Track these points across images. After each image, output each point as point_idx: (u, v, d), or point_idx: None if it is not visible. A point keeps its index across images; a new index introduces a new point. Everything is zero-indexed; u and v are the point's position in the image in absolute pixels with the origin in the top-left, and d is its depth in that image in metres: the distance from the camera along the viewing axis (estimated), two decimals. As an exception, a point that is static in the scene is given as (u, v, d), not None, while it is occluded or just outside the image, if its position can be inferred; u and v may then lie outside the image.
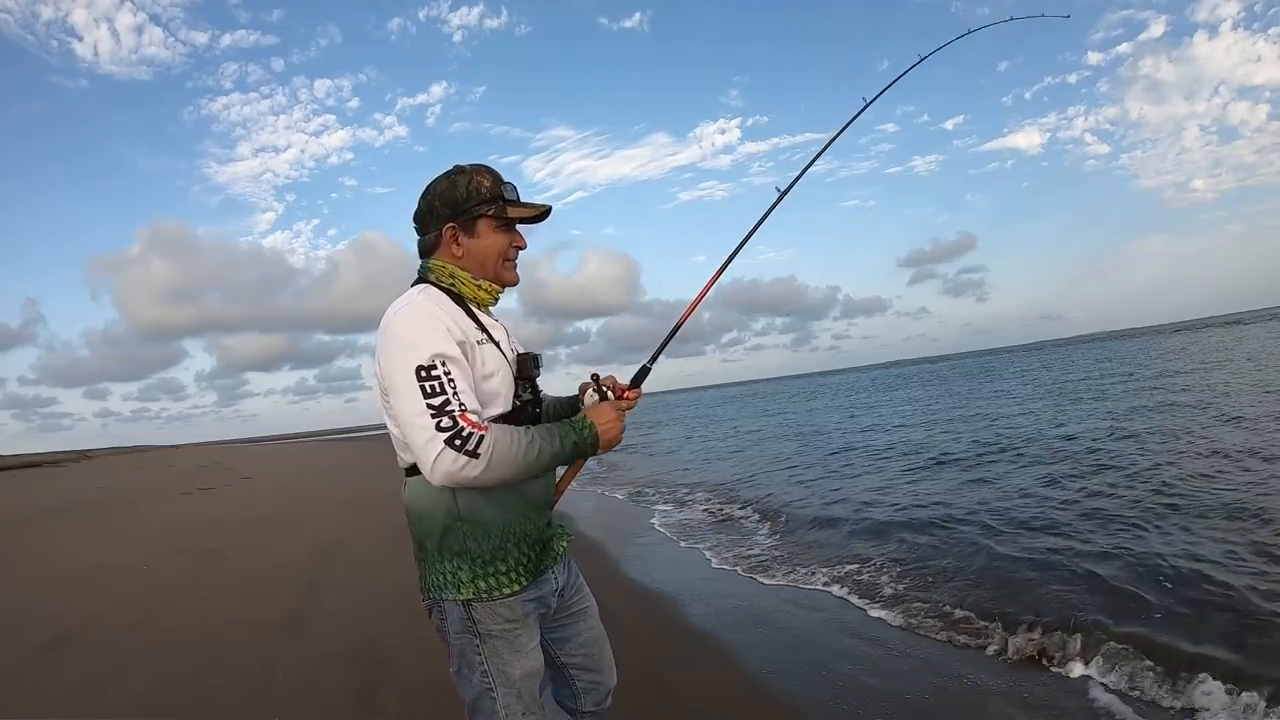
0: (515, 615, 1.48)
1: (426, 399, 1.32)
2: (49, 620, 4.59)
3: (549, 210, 1.59)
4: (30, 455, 45.06)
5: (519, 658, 1.47)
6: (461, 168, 1.55)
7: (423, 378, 1.33)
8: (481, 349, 1.46)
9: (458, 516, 1.44)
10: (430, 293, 1.48)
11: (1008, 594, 4.07)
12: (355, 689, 3.25)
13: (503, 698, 1.46)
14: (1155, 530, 4.90)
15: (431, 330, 1.38)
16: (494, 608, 1.46)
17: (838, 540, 5.99)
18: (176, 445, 74.37)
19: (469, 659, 1.48)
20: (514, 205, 1.54)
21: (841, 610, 4.27)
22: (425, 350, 1.35)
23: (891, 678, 3.21)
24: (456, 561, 1.45)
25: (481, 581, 1.45)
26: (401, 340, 1.37)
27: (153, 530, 8.85)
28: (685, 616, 4.31)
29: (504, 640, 1.46)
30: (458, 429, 1.30)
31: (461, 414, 1.32)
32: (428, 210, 1.54)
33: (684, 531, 7.01)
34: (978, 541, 5.18)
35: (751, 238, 2.00)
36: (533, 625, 1.53)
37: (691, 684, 3.23)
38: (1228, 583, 3.68)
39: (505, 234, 1.55)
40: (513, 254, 1.57)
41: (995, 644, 3.49)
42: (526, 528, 1.51)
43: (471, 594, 1.44)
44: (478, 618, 1.45)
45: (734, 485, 9.85)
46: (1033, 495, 6.62)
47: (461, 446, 1.29)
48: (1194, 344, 37.86)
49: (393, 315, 1.42)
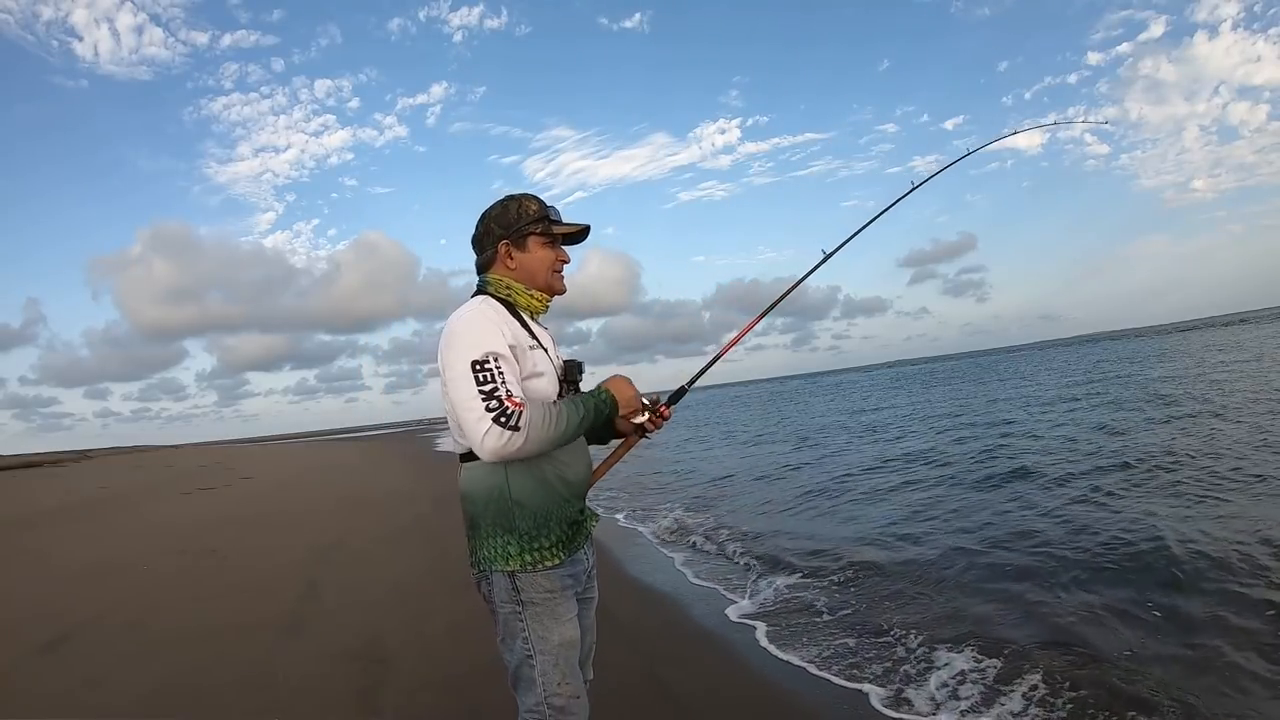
0: (554, 586, 1.65)
1: (479, 386, 1.53)
2: (49, 620, 4.59)
3: (588, 229, 1.81)
4: (30, 455, 45.12)
5: (558, 625, 1.64)
6: (513, 195, 1.79)
7: (476, 369, 1.54)
8: (532, 353, 1.67)
9: (509, 498, 1.63)
10: (488, 302, 1.70)
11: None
12: (355, 689, 3.25)
13: (541, 664, 1.62)
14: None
15: (486, 331, 1.60)
16: (536, 579, 1.63)
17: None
18: (176, 445, 74.42)
19: (512, 627, 1.64)
20: (558, 224, 1.77)
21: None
22: (480, 347, 1.57)
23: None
24: (506, 537, 1.63)
25: (527, 555, 1.62)
26: (460, 338, 1.60)
27: (153, 530, 8.86)
28: (688, 616, 4.32)
29: (545, 608, 1.63)
30: (502, 408, 1.51)
31: (506, 397, 1.53)
32: (485, 233, 1.77)
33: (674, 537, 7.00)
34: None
35: (791, 293, 2.30)
36: (570, 598, 1.70)
37: (689, 684, 3.24)
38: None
39: (552, 249, 1.77)
40: (559, 266, 1.79)
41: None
42: (566, 510, 1.69)
43: (518, 565, 1.62)
44: (521, 587, 1.63)
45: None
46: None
47: (506, 423, 1.50)
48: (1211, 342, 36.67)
49: (455, 319, 1.65)
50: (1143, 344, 53.01)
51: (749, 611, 4.32)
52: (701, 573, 5.37)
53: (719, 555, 5.91)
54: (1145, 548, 4.50)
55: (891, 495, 7.81)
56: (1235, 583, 3.82)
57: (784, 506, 7.97)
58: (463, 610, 4.37)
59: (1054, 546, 4.86)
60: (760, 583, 4.93)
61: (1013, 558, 4.78)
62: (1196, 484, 6.18)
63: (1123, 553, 4.49)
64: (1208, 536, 4.60)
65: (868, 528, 6.32)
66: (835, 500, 7.97)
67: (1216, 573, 3.98)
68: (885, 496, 7.78)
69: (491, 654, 3.48)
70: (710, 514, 7.82)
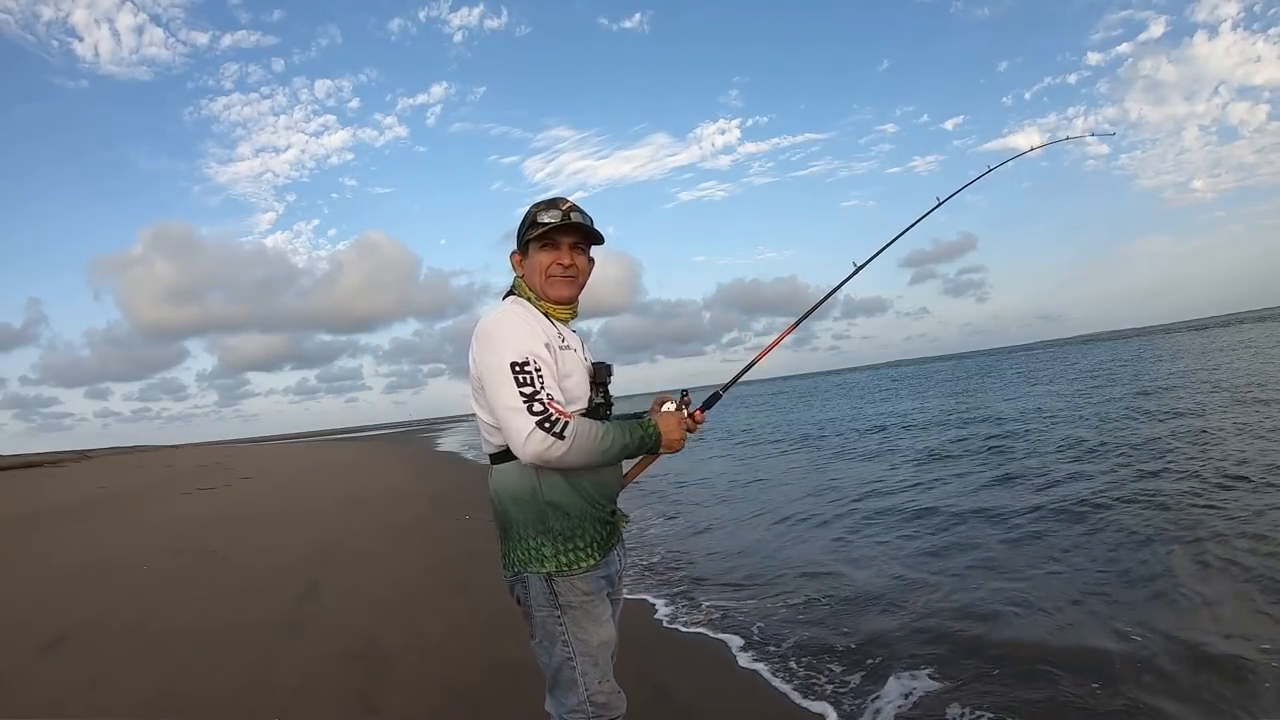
0: (591, 588, 1.65)
1: (520, 388, 1.52)
2: (49, 620, 4.59)
3: (567, 221, 1.69)
4: (30, 455, 45.14)
5: (596, 627, 1.65)
6: (535, 202, 1.77)
7: (516, 371, 1.53)
8: (563, 353, 1.66)
9: (543, 500, 1.62)
10: (519, 303, 1.71)
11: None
12: (355, 689, 3.25)
13: (581, 665, 1.62)
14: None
15: (523, 332, 1.60)
16: (573, 581, 1.63)
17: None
18: (176, 445, 74.39)
19: (550, 631, 1.64)
20: (535, 225, 1.70)
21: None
22: (519, 348, 1.56)
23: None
24: (540, 539, 1.62)
25: (563, 556, 1.62)
26: (497, 340, 1.59)
27: (152, 530, 8.85)
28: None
29: (582, 610, 1.63)
30: (547, 413, 1.51)
31: (550, 402, 1.52)
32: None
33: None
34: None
35: (815, 308, 2.28)
36: (605, 599, 1.71)
37: (687, 683, 3.24)
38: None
39: (548, 252, 1.71)
40: (555, 270, 1.71)
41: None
42: (599, 511, 1.69)
43: (554, 568, 1.62)
44: (559, 590, 1.63)
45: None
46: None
47: (550, 429, 1.49)
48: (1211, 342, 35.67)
49: (489, 321, 1.64)
50: (1146, 343, 52.49)
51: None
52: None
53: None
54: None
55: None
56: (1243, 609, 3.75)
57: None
58: (463, 610, 4.37)
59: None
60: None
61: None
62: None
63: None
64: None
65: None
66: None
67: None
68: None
69: (492, 654, 3.51)
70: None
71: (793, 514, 7.28)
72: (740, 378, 2.04)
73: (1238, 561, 4.08)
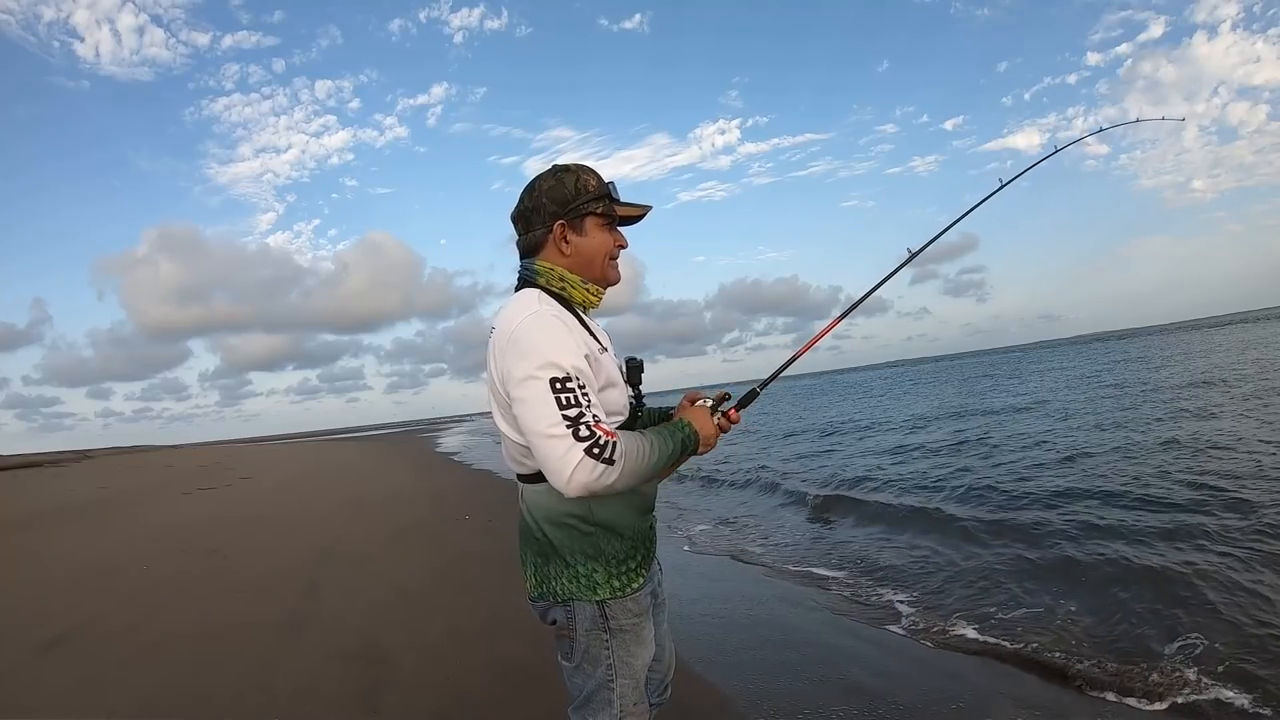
0: (642, 609, 1.54)
1: (562, 410, 1.31)
2: (49, 620, 4.59)
3: (649, 209, 1.60)
4: (31, 455, 45.11)
5: (641, 649, 1.54)
6: (566, 166, 1.55)
7: (558, 389, 1.32)
8: (603, 358, 1.48)
9: (592, 522, 1.47)
10: (549, 301, 1.47)
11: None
12: (355, 689, 3.24)
13: (621, 688, 1.52)
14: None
15: (564, 343, 1.38)
16: (625, 604, 1.51)
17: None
18: (177, 445, 74.40)
19: (594, 655, 1.51)
20: (620, 204, 1.56)
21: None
22: (559, 363, 1.34)
23: (889, 677, 3.21)
24: (592, 565, 1.48)
25: (616, 581, 1.50)
26: (532, 352, 1.36)
27: (153, 530, 8.84)
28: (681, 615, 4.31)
29: (632, 634, 1.52)
30: (595, 438, 1.31)
31: (596, 424, 1.32)
32: (534, 209, 1.52)
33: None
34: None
35: (855, 306, 2.03)
36: (650, 617, 1.60)
37: (686, 683, 3.23)
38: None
39: (610, 233, 1.56)
40: (616, 253, 1.57)
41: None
42: (644, 526, 1.58)
43: (607, 593, 1.49)
44: (611, 614, 1.50)
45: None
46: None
47: (600, 455, 1.30)
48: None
49: (519, 323, 1.39)
50: (1152, 342, 52.05)
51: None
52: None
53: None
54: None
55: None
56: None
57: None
58: (463, 611, 4.37)
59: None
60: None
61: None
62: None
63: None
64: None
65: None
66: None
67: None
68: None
69: (492, 654, 3.51)
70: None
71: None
72: (780, 373, 1.81)
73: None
